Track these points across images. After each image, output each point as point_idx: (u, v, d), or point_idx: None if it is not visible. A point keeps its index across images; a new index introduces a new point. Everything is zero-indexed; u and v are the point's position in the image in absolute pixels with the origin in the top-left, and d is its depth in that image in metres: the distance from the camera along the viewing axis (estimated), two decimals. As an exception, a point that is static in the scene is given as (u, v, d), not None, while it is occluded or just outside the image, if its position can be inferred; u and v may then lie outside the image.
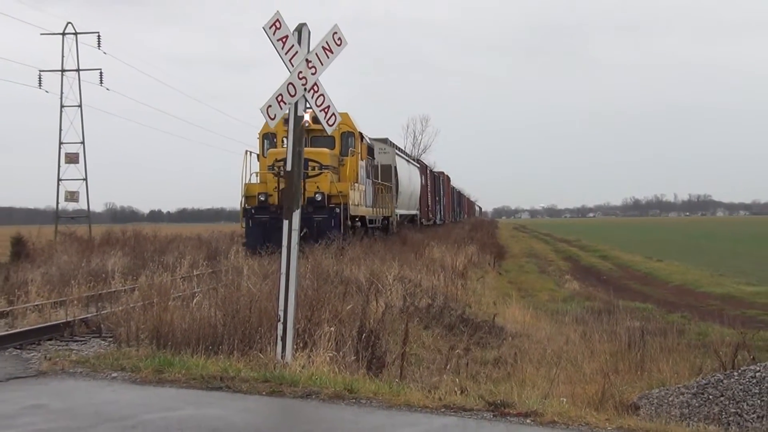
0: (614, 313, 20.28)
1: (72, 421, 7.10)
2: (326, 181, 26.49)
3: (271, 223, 24.48)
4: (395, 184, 38.70)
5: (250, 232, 26.30)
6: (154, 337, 10.32)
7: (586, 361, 13.47)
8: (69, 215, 59.92)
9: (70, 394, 8.22)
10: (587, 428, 6.98)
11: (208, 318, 10.46)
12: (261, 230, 25.51)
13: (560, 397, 9.30)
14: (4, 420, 7.09)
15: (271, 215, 25.30)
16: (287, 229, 9.77)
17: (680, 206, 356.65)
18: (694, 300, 28.18)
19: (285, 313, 9.43)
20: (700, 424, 7.88)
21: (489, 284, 29.63)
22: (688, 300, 28.22)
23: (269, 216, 25.42)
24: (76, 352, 10.64)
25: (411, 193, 45.25)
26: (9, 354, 10.74)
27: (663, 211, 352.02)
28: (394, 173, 38.71)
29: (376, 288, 15.68)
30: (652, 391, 10.46)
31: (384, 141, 40.35)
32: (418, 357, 12.44)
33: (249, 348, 9.80)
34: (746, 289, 30.90)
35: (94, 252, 25.24)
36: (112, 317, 11.84)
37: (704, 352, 14.36)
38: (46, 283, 17.17)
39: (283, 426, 7.18)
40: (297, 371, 8.81)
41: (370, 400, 7.86)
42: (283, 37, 9.67)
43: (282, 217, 23.49)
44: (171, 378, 8.69)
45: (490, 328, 16.98)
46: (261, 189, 26.77)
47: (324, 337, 10.04)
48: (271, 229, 24.03)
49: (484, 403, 7.82)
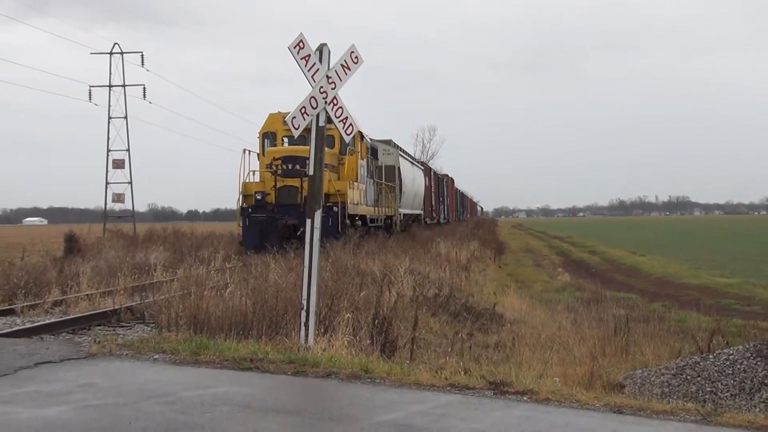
0: (602, 302, 20.19)
1: (118, 397, 7.12)
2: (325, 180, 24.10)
3: (268, 222, 23.32)
4: (399, 184, 36.81)
5: (247, 231, 24.07)
6: (191, 323, 10.34)
7: (576, 345, 13.43)
8: (116, 215, 60.10)
9: (117, 374, 8.24)
10: (578, 405, 6.96)
11: (239, 306, 10.48)
12: (258, 229, 23.56)
13: (553, 377, 9.29)
14: (59, 396, 7.12)
15: (268, 214, 23.65)
16: (310, 227, 9.78)
17: (661, 206, 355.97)
18: (674, 290, 28.08)
19: (308, 302, 9.45)
20: (679, 401, 7.85)
21: (490, 276, 29.60)
22: (668, 290, 28.13)
23: (266, 215, 23.65)
24: (122, 337, 10.69)
25: (415, 194, 43.46)
26: (63, 338, 10.81)
27: (645, 210, 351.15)
28: (397, 174, 36.79)
29: (389, 279, 15.69)
30: (636, 371, 10.43)
31: (388, 142, 38.61)
32: (426, 341, 12.44)
33: (275, 333, 9.81)
34: (720, 280, 30.82)
35: (138, 247, 25.26)
36: (154, 305, 11.89)
37: (683, 337, 14.34)
38: (95, 275, 17.25)
39: (306, 402, 7.18)
40: (318, 354, 8.81)
41: (383, 379, 7.87)
42: (306, 55, 9.68)
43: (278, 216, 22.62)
44: (206, 360, 8.71)
45: (490, 315, 16.96)
46: (258, 188, 24.54)
47: (342, 323, 10.05)
48: (268, 228, 23.13)
49: (485, 382, 7.81)
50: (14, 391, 7.30)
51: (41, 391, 7.31)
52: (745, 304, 23.32)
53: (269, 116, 26.92)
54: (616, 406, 6.93)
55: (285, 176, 23.75)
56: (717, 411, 6.85)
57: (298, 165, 23.03)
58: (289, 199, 23.63)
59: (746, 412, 7.05)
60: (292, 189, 23.59)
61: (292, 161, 23.67)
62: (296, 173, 23.07)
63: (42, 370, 8.30)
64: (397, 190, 36.41)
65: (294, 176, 23.31)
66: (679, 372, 9.80)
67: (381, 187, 32.80)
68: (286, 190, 23.74)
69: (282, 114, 24.86)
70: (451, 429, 6.08)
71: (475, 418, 6.46)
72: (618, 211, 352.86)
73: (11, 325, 11.81)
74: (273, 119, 26.55)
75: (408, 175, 40.16)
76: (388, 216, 33.88)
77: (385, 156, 35.88)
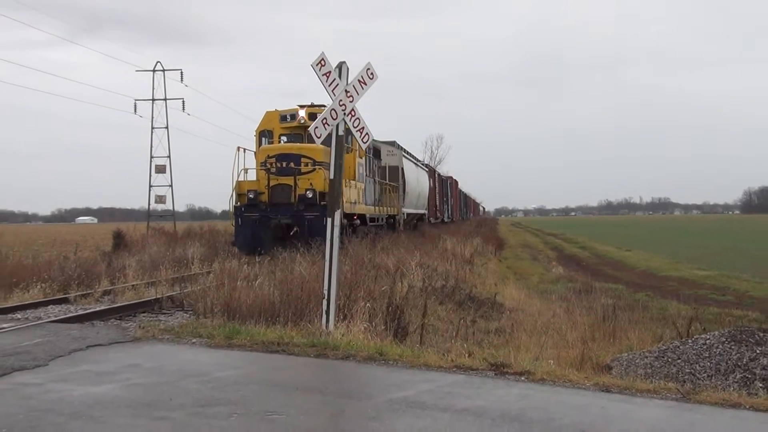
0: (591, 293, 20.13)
1: (160, 377, 7.15)
2: (319, 178, 20.29)
3: (261, 222, 20.21)
4: (402, 184, 33.40)
5: (240, 231, 20.63)
6: (225, 311, 10.37)
7: (568, 330, 13.38)
8: (158, 214, 60.20)
9: (159, 356, 8.27)
10: (570, 384, 6.94)
11: (267, 296, 10.48)
12: (251, 229, 20.22)
13: (548, 360, 9.25)
14: (107, 375, 7.15)
15: (261, 213, 20.39)
16: (330, 225, 9.75)
17: (645, 206, 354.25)
18: (656, 282, 27.96)
19: (328, 292, 9.45)
20: (661, 381, 7.82)
21: (491, 269, 29.55)
22: (651, 282, 28.02)
23: (259, 214, 20.38)
24: (163, 323, 10.71)
25: (419, 194, 40.47)
26: (111, 324, 10.84)
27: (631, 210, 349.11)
28: (401, 174, 33.44)
29: (402, 272, 15.67)
30: (622, 354, 10.39)
31: (392, 144, 35.11)
32: (434, 327, 12.43)
33: (300, 320, 9.81)
34: (698, 273, 30.72)
35: (177, 243, 25.30)
36: (192, 295, 11.92)
37: (664, 324, 14.28)
38: (140, 267, 17.32)
39: (327, 381, 7.19)
40: (338, 338, 8.81)
41: (396, 361, 7.86)
42: (327, 72, 9.68)
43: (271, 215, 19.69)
44: (238, 343, 8.72)
45: (491, 304, 16.94)
46: (252, 186, 21.00)
47: (359, 311, 10.05)
48: (261, 228, 20.10)
49: (487, 364, 7.79)
50: (69, 371, 7.34)
51: (92, 371, 7.35)
52: (720, 294, 23.23)
53: (266, 114, 23.65)
54: (605, 385, 6.91)
55: (279, 174, 20.70)
56: (695, 390, 6.82)
57: (292, 163, 20.70)
58: (283, 198, 20.60)
59: (722, 391, 7.00)
60: (286, 187, 20.59)
61: (286, 159, 20.88)
62: (290, 171, 20.53)
63: (93, 352, 8.35)
64: (401, 190, 33.42)
65: (288, 174, 20.56)
66: (661, 355, 9.76)
67: (383, 187, 29.65)
68: (280, 188, 20.66)
69: (279, 112, 23.22)
70: (457, 405, 6.07)
71: (478, 395, 6.45)
72: (606, 211, 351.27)
73: (66, 312, 11.87)
74: (270, 117, 23.44)
75: (412, 176, 37.25)
76: (391, 215, 30.77)
77: (389, 157, 33.51)
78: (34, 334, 9.34)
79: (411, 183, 36.04)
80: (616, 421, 5.66)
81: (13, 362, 7.62)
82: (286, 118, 22.87)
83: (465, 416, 5.75)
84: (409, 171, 35.78)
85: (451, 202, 66.04)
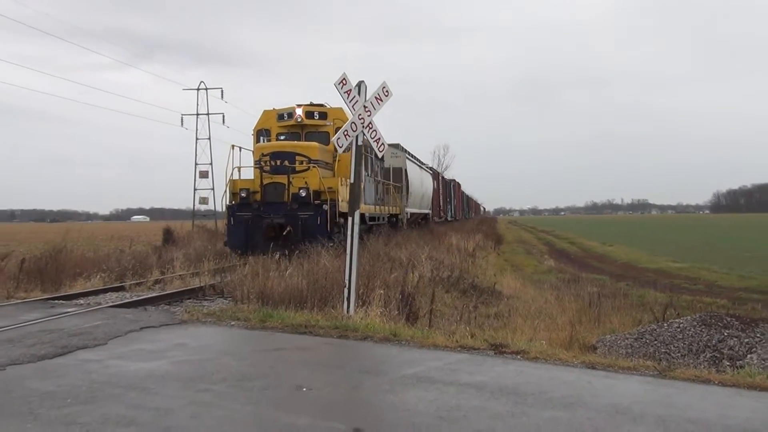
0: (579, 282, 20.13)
1: (203, 354, 7.18)
2: (315, 176, 17.51)
3: (254, 221, 17.41)
4: (405, 185, 30.48)
5: (232, 231, 17.79)
6: (260, 298, 10.40)
7: (558, 315, 13.36)
8: (201, 213, 60.37)
9: (202, 336, 8.30)
10: (560, 362, 6.92)
11: (296, 284, 10.50)
12: (243, 229, 17.44)
13: (541, 341, 9.22)
14: (158, 353, 7.19)
15: (253, 212, 17.56)
16: (351, 223, 9.78)
17: (625, 207, 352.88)
18: (636, 273, 27.80)
19: (349, 281, 9.46)
20: (640, 359, 7.78)
21: (491, 262, 29.49)
22: (631, 273, 27.86)
23: (251, 214, 17.55)
24: (206, 307, 10.77)
25: (423, 194, 37.58)
26: (161, 308, 10.91)
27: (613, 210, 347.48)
28: (404, 175, 30.57)
29: (413, 264, 15.66)
30: (606, 336, 10.36)
31: (396, 146, 32.01)
32: (441, 312, 12.41)
33: (324, 305, 9.83)
34: (673, 265, 30.57)
35: (218, 239, 25.31)
36: (231, 284, 11.96)
37: (643, 310, 14.20)
38: (186, 260, 17.40)
39: (348, 359, 7.20)
40: (357, 321, 8.82)
41: (408, 341, 7.86)
42: (348, 90, 9.69)
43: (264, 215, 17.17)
44: (271, 325, 8.75)
45: (491, 292, 16.93)
46: (245, 185, 18.12)
47: (376, 298, 10.05)
48: (254, 228, 17.36)
49: (487, 344, 7.77)
50: (125, 349, 7.39)
51: (144, 349, 7.39)
52: (692, 283, 23.09)
53: (263, 113, 20.57)
54: (590, 363, 6.88)
55: (273, 173, 17.81)
56: (670, 367, 6.78)
57: (286, 161, 17.78)
58: (276, 197, 17.67)
59: (693, 369, 6.96)
60: (279, 186, 17.67)
61: (280, 157, 17.90)
62: (284, 169, 17.64)
63: (145, 333, 8.40)
64: (404, 190, 30.41)
65: (282, 173, 17.65)
66: (640, 337, 9.72)
67: (386, 187, 26.56)
68: (273, 186, 17.76)
69: (276, 111, 20.21)
70: (461, 380, 6.06)
71: (479, 372, 6.44)
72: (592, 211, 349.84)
73: (122, 299, 11.96)
74: (267, 116, 20.40)
75: (415, 177, 34.52)
76: (393, 214, 27.63)
77: (393, 158, 30.84)
78: (95, 318, 9.42)
79: (414, 184, 34.00)
80: (601, 395, 5.64)
81: (77, 341, 7.69)
82: (284, 117, 19.99)
83: (468, 389, 5.74)
84: (413, 172, 33.64)
85: (454, 202, 65.45)
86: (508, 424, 4.82)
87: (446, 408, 5.19)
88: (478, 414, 5.05)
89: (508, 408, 5.21)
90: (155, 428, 4.72)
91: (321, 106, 19.93)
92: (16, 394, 5.57)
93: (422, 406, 5.23)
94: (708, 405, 5.39)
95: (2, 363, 6.63)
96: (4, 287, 12.74)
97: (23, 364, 6.61)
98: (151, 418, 4.94)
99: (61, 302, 11.26)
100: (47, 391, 5.62)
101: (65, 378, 6.08)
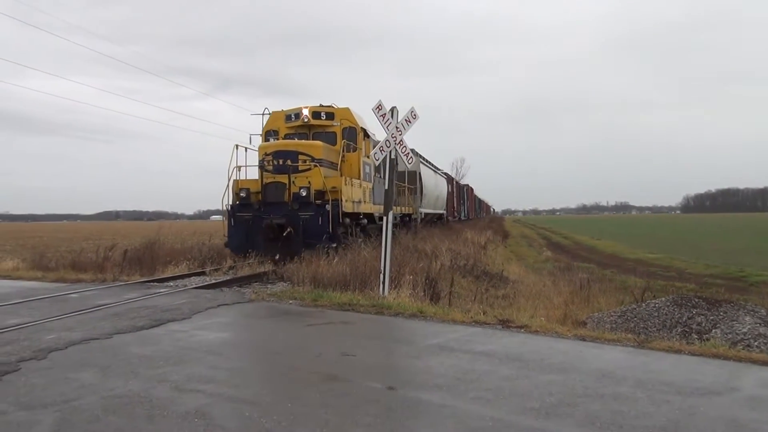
0: (571, 269, 19.86)
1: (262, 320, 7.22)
2: (318, 176, 14.16)
3: (254, 222, 14.21)
4: (419, 187, 27.27)
5: (233, 231, 14.49)
6: (312, 281, 10.43)
7: (554, 296, 13.20)
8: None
9: (268, 310, 8.38)
10: (556, 335, 6.84)
11: (341, 271, 10.53)
12: (243, 229, 14.28)
13: (540, 317, 9.14)
14: (231, 325, 7.28)
15: (254, 213, 14.33)
16: (385, 221, 9.77)
17: (610, 208, 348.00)
18: (619, 262, 27.39)
19: (384, 268, 9.46)
20: (623, 333, 7.65)
21: (499, 253, 29.27)
22: (615, 262, 27.45)
23: (251, 214, 14.32)
24: (269, 289, 10.83)
25: (437, 196, 34.22)
26: (234, 290, 11.01)
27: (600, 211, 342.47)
28: (418, 178, 27.37)
29: (436, 254, 15.62)
30: (594, 314, 10.21)
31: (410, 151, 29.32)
32: (458, 293, 12.36)
33: (364, 288, 9.83)
34: (650, 255, 30.09)
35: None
36: (289, 270, 12.00)
37: (625, 292, 13.96)
38: (253, 251, 17.49)
39: (383, 331, 7.20)
40: (391, 301, 8.82)
41: (432, 317, 7.83)
42: (383, 114, 9.70)
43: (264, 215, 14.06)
44: (321, 304, 8.78)
45: (499, 277, 16.80)
46: (245, 185, 14.79)
47: (406, 282, 10.04)
48: (254, 228, 14.19)
49: (496, 320, 7.72)
50: (205, 322, 7.49)
51: (221, 322, 7.48)
52: (665, 271, 22.68)
53: (272, 114, 17.28)
54: (581, 336, 6.80)
55: (275, 172, 14.52)
56: (648, 340, 6.67)
57: (289, 160, 14.45)
58: (277, 197, 14.38)
59: (667, 341, 6.83)
60: (280, 185, 14.43)
61: (282, 156, 14.56)
62: (286, 169, 14.39)
63: (221, 309, 8.49)
64: (418, 192, 27.39)
65: (283, 172, 14.41)
66: (623, 314, 9.57)
67: (399, 188, 22.15)
68: (274, 186, 14.48)
69: (284, 112, 17.04)
70: (475, 349, 6.03)
71: (490, 342, 6.40)
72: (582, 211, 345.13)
73: (203, 282, 12.04)
74: (276, 117, 17.13)
75: (429, 180, 31.22)
76: (406, 214, 23.80)
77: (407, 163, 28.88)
78: (181, 297, 9.56)
79: (429, 186, 31.03)
80: (590, 361, 5.57)
81: (168, 316, 7.81)
82: (291, 118, 16.82)
83: (480, 356, 5.71)
84: (427, 176, 30.90)
85: (467, 204, 64.82)
86: (514, 385, 4.79)
87: (463, 371, 5.17)
88: (489, 376, 5.02)
89: (514, 372, 5.17)
90: (229, 385, 4.79)
91: (328, 107, 16.89)
92: (121, 357, 5.68)
93: (443, 370, 5.21)
94: (679, 371, 5.29)
95: (110, 332, 6.78)
96: (111, 272, 13.00)
97: (126, 333, 6.74)
98: (226, 376, 5.01)
99: (155, 284, 11.41)
100: (145, 355, 5.72)
101: (159, 345, 6.18)
